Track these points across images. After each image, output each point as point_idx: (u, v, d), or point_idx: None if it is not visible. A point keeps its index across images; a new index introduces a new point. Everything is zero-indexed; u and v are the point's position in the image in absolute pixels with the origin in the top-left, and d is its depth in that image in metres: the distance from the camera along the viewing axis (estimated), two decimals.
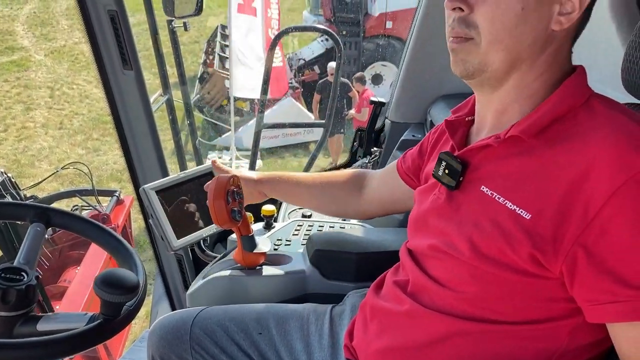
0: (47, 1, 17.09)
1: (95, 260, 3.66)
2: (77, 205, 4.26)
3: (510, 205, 0.77)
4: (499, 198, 0.79)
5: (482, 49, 0.80)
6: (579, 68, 0.85)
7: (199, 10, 2.17)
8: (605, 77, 1.33)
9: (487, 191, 0.82)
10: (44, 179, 4.94)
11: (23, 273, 0.90)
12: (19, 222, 2.81)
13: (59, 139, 8.14)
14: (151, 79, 1.71)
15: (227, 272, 1.34)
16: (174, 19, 2.35)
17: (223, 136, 7.98)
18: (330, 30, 2.42)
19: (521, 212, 0.76)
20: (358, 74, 7.69)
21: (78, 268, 3.75)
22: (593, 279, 0.71)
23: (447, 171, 0.89)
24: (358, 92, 7.44)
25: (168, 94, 2.17)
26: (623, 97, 1.02)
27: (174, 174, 1.54)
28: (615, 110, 0.77)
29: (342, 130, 7.65)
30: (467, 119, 0.97)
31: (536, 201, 0.75)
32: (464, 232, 0.83)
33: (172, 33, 2.24)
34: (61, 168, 5.10)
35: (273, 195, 1.39)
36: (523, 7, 0.76)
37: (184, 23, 2.33)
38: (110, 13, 1.54)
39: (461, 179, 0.87)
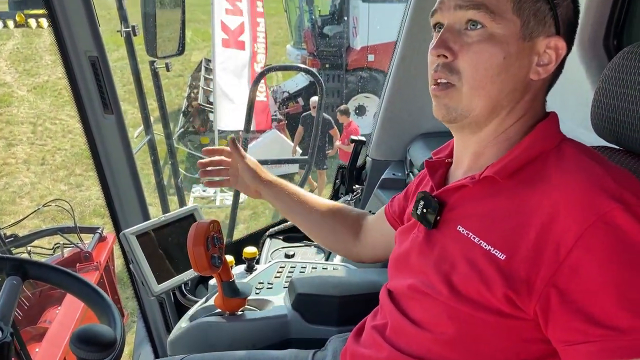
0: (31, 37, 17.12)
1: (77, 300, 3.59)
2: (59, 243, 4.19)
3: (485, 246, 0.78)
4: (474, 238, 0.81)
5: (464, 95, 0.83)
6: (551, 114, 0.88)
7: (181, 50, 2.20)
8: (577, 118, 1.37)
9: (463, 231, 0.83)
10: (25, 217, 4.87)
11: None
12: None
13: (41, 175, 8.07)
14: (135, 112, 1.71)
15: (207, 319, 1.33)
16: (156, 59, 2.38)
17: None
18: (311, 69, 2.46)
19: (496, 252, 0.77)
20: (342, 107, 7.73)
21: (59, 308, 3.66)
22: (565, 319, 0.72)
23: (425, 210, 0.90)
24: (343, 124, 7.47)
25: (150, 134, 2.18)
26: (596, 137, 1.05)
27: (155, 215, 1.53)
28: (583, 155, 0.80)
29: (324, 167, 7.62)
30: (447, 160, 0.99)
31: (510, 242, 0.76)
32: (441, 271, 0.84)
33: (155, 74, 2.26)
34: (43, 206, 5.03)
35: (269, 201, 1.34)
36: (505, 57, 0.80)
37: (166, 64, 2.36)
38: (91, 58, 1.55)
39: (438, 218, 0.88)
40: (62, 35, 1.52)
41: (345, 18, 10.15)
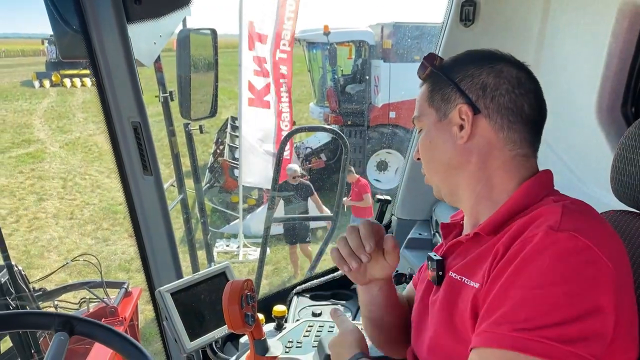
0: (65, 95, 17.90)
1: (101, 355, 3.60)
2: (84, 298, 4.25)
3: (467, 281, 0.90)
4: (461, 279, 0.92)
5: (430, 181, 1.05)
6: (539, 172, 0.95)
7: (214, 111, 2.31)
8: (599, 181, 1.40)
9: (454, 276, 0.94)
10: (53, 272, 4.97)
11: None
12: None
13: (69, 229, 8.24)
14: (163, 168, 1.79)
15: None
16: (190, 122, 2.50)
17: (231, 224, 8.05)
18: (337, 130, 2.55)
19: (471, 283, 0.88)
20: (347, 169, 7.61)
21: None
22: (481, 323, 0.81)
23: (432, 270, 1.01)
24: (351, 182, 7.24)
25: (183, 193, 2.27)
26: (617, 201, 1.09)
27: (185, 271, 1.58)
28: (559, 202, 0.86)
29: (307, 240, 6.96)
30: (461, 222, 1.07)
31: (482, 274, 0.86)
32: (444, 319, 0.92)
33: (189, 135, 2.37)
34: (70, 260, 5.14)
35: (366, 298, 1.16)
36: (430, 141, 1.00)
37: (200, 126, 2.47)
38: (134, 124, 1.65)
39: (440, 273, 0.99)
40: (107, 101, 1.62)
41: (367, 77, 10.42)
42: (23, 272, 3.90)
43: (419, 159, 1.05)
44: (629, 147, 1.03)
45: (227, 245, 7.60)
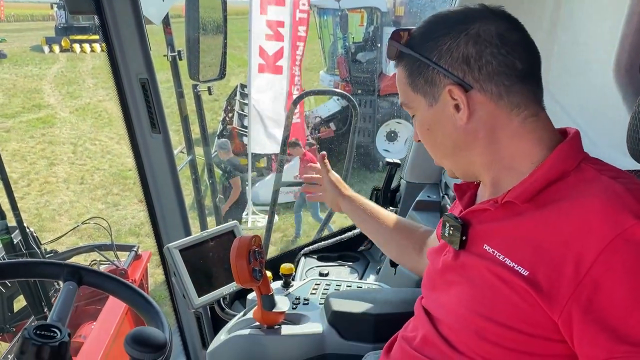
0: (75, 61, 17.87)
1: (112, 316, 3.67)
2: (95, 260, 4.31)
3: (510, 263, 0.81)
4: (499, 256, 0.83)
5: (439, 163, 1.01)
6: (572, 134, 0.89)
7: (223, 74, 2.29)
8: (614, 143, 1.38)
9: (488, 249, 0.86)
10: (64, 234, 5.04)
11: (56, 330, 0.94)
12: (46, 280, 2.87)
13: (79, 194, 8.31)
14: (172, 135, 1.79)
15: (246, 331, 1.37)
16: (199, 83, 2.48)
17: None
18: (346, 93, 2.51)
19: (519, 268, 0.80)
20: (292, 140, 7.19)
21: (94, 324, 3.75)
22: (589, 335, 0.73)
23: (450, 232, 0.94)
24: (298, 156, 7.04)
25: (192, 154, 2.26)
26: (633, 162, 1.07)
27: (195, 229, 1.59)
28: (604, 174, 0.81)
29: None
30: (476, 182, 1.02)
31: (532, 259, 0.79)
32: (470, 289, 0.88)
33: (197, 97, 2.36)
34: (81, 223, 5.19)
35: (347, 213, 1.46)
36: (428, 128, 0.95)
37: (209, 87, 2.45)
38: (142, 80, 1.64)
39: (464, 238, 0.92)
40: (115, 58, 1.61)
41: (379, 45, 10.27)
42: (35, 234, 3.96)
43: (419, 141, 1.01)
44: None
45: None
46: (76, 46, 20.72)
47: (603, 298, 0.72)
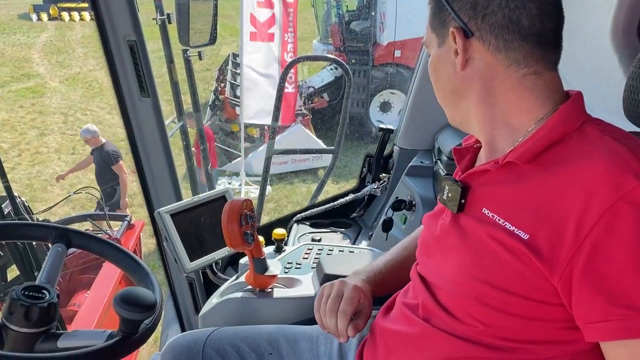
0: (64, 30, 17.53)
1: (105, 284, 3.69)
2: (88, 230, 4.31)
3: (510, 227, 0.81)
4: (498, 220, 0.83)
5: (443, 107, 0.99)
6: (574, 95, 0.88)
7: (213, 39, 2.25)
8: (609, 106, 1.37)
9: (487, 213, 0.85)
10: (56, 204, 5.02)
11: (45, 291, 0.93)
12: (35, 243, 2.87)
13: (71, 164, 8.25)
14: (163, 105, 1.76)
15: (239, 294, 1.37)
16: (189, 48, 2.43)
17: (233, 162, 8.06)
18: (340, 60, 2.48)
19: (519, 232, 0.79)
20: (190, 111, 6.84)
21: (88, 292, 3.77)
22: (586, 298, 0.73)
23: (449, 195, 0.93)
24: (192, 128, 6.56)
25: (182, 120, 2.24)
26: (628, 126, 1.06)
27: (187, 198, 1.58)
28: (606, 134, 0.80)
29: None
30: (475, 145, 1.01)
31: (532, 223, 0.78)
32: (468, 254, 0.87)
33: (187, 62, 2.32)
34: (73, 193, 5.18)
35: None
36: (434, 68, 0.95)
37: (199, 52, 2.41)
38: (130, 43, 1.60)
39: (463, 201, 0.91)
40: (102, 20, 1.57)
41: (373, 13, 10.12)
42: (27, 204, 3.94)
43: None
44: None
45: (229, 183, 7.64)
46: (65, 14, 20.29)
47: (601, 260, 0.71)
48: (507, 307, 0.81)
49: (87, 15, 19.84)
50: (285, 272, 1.48)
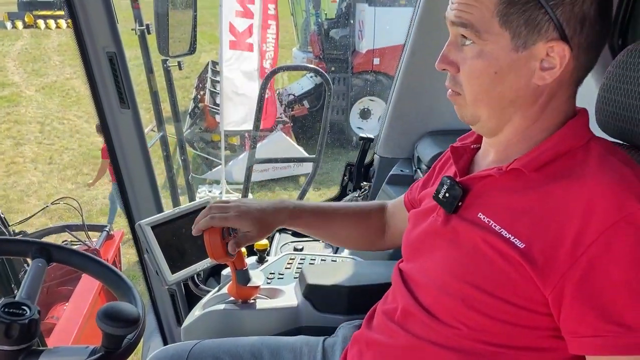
0: (39, 38, 17.28)
1: (84, 296, 3.63)
2: (66, 241, 4.23)
3: (506, 234, 0.81)
4: (494, 226, 0.83)
5: (468, 104, 0.88)
6: (581, 111, 0.89)
7: (193, 49, 2.25)
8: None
9: (483, 218, 0.85)
10: (33, 215, 4.92)
11: (25, 307, 0.92)
12: (12, 257, 2.81)
13: (48, 174, 8.12)
14: (143, 113, 1.76)
15: (221, 306, 1.37)
16: (168, 58, 2.43)
17: (213, 170, 8.01)
18: (320, 69, 2.50)
19: (515, 240, 0.80)
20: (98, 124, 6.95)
21: (66, 304, 3.71)
22: (577, 312, 0.75)
23: (447, 195, 0.92)
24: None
25: (162, 130, 2.23)
26: (601, 135, 1.08)
27: (167, 209, 1.58)
28: (611, 155, 0.82)
29: None
30: (472, 146, 1.01)
31: (530, 233, 0.79)
32: (458, 256, 0.87)
33: (167, 72, 2.31)
34: (51, 203, 5.08)
35: (289, 227, 1.27)
36: (496, 71, 0.82)
37: (178, 62, 2.40)
38: (109, 54, 1.60)
39: (460, 204, 0.90)
40: (81, 32, 1.56)
41: (352, 21, 10.18)
42: (2, 215, 3.86)
43: (444, 69, 0.89)
44: (617, 76, 1.01)
45: (210, 191, 7.58)
46: (40, 22, 20.00)
47: (598, 278, 0.73)
48: (493, 312, 0.82)
49: (63, 23, 19.59)
50: (267, 283, 1.48)
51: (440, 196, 0.94)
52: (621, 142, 1.04)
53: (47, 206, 4.96)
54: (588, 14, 0.79)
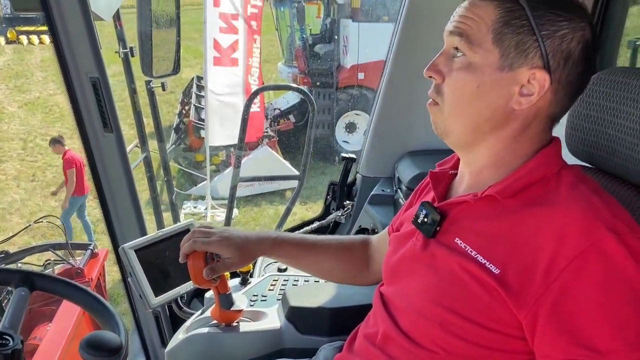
0: (22, 53, 17.16)
1: (68, 317, 3.59)
2: (49, 260, 4.19)
3: (481, 259, 0.83)
4: (470, 251, 0.85)
5: (445, 115, 0.90)
6: (554, 140, 0.92)
7: (177, 69, 2.26)
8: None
9: (460, 243, 0.87)
10: (16, 234, 4.87)
11: (8, 337, 0.93)
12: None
13: (31, 192, 8.05)
14: (126, 128, 1.77)
15: (205, 330, 1.38)
16: (152, 79, 2.44)
17: (198, 186, 8.00)
18: (303, 89, 2.53)
19: (490, 266, 0.82)
20: (54, 137, 6.98)
21: (49, 325, 3.66)
22: (550, 336, 0.77)
23: (426, 220, 0.94)
24: (59, 154, 6.67)
25: (146, 151, 2.24)
26: (572, 157, 1.12)
27: (151, 225, 1.59)
28: (582, 184, 0.85)
29: None
30: (450, 172, 1.04)
31: (505, 259, 0.82)
32: (436, 281, 0.89)
33: (150, 93, 2.33)
34: (34, 222, 5.04)
35: (271, 257, 1.29)
36: (479, 85, 0.85)
37: (162, 83, 2.42)
38: (92, 79, 1.61)
39: (438, 228, 0.92)
40: (64, 56, 1.58)
41: (336, 37, 10.29)
42: None
43: (430, 76, 0.91)
44: (585, 103, 1.05)
45: (195, 207, 7.58)
46: (23, 38, 19.87)
47: (569, 303, 0.75)
48: (470, 336, 0.84)
49: (46, 38, 19.46)
50: (250, 305, 1.49)
51: (419, 221, 0.96)
52: (589, 165, 1.08)
53: (29, 225, 4.91)
54: (573, 53, 0.83)
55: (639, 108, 0.92)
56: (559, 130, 1.19)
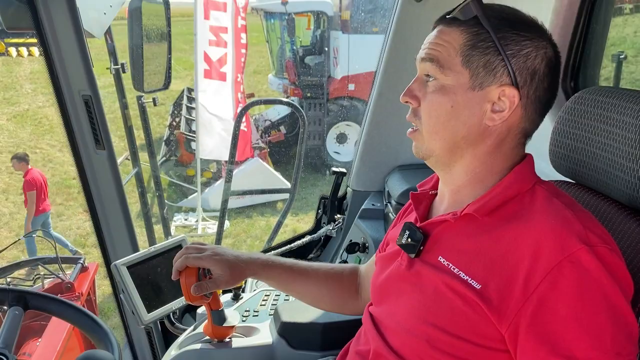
0: (11, 65, 17.06)
1: (58, 331, 3.56)
2: (39, 274, 4.16)
3: (464, 276, 0.86)
4: (453, 269, 0.88)
5: (425, 138, 0.94)
6: (527, 157, 0.96)
7: (167, 84, 2.28)
8: (539, 152, 1.48)
9: (443, 261, 0.90)
10: (5, 248, 4.83)
11: (2, 357, 0.93)
12: None
13: (20, 205, 7.96)
14: (116, 141, 1.78)
15: (197, 346, 1.38)
16: (143, 94, 2.46)
17: (189, 198, 7.98)
18: (293, 103, 2.56)
19: (472, 282, 0.85)
20: (18, 154, 6.74)
21: (39, 340, 3.63)
22: (531, 347, 0.80)
23: (409, 240, 0.97)
24: (22, 172, 6.43)
25: (137, 166, 2.25)
26: (556, 173, 1.15)
27: (143, 238, 1.59)
28: (555, 198, 0.88)
29: None
30: (430, 192, 1.07)
31: (485, 273, 0.85)
32: (422, 299, 0.92)
33: (142, 109, 2.34)
34: (23, 236, 5.02)
35: (261, 278, 1.28)
36: (452, 105, 0.90)
37: (153, 99, 2.44)
38: (85, 97, 1.63)
39: (421, 248, 0.96)
40: (56, 74, 1.59)
41: (326, 48, 10.36)
42: None
43: (407, 102, 0.96)
44: (566, 121, 1.08)
45: (186, 219, 7.55)
46: (12, 50, 19.80)
47: (547, 314, 0.78)
48: (456, 352, 0.87)
49: (35, 51, 19.39)
50: (243, 321, 1.50)
51: (403, 241, 0.99)
52: (572, 180, 1.11)
53: (19, 239, 4.89)
54: (538, 69, 0.88)
55: (619, 126, 0.95)
56: (542, 147, 1.23)
